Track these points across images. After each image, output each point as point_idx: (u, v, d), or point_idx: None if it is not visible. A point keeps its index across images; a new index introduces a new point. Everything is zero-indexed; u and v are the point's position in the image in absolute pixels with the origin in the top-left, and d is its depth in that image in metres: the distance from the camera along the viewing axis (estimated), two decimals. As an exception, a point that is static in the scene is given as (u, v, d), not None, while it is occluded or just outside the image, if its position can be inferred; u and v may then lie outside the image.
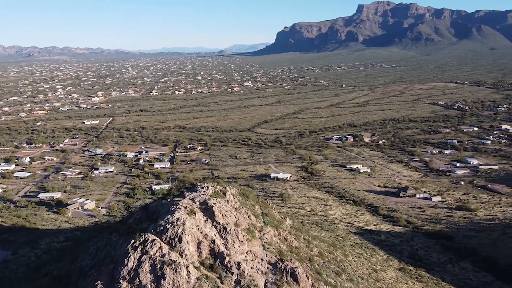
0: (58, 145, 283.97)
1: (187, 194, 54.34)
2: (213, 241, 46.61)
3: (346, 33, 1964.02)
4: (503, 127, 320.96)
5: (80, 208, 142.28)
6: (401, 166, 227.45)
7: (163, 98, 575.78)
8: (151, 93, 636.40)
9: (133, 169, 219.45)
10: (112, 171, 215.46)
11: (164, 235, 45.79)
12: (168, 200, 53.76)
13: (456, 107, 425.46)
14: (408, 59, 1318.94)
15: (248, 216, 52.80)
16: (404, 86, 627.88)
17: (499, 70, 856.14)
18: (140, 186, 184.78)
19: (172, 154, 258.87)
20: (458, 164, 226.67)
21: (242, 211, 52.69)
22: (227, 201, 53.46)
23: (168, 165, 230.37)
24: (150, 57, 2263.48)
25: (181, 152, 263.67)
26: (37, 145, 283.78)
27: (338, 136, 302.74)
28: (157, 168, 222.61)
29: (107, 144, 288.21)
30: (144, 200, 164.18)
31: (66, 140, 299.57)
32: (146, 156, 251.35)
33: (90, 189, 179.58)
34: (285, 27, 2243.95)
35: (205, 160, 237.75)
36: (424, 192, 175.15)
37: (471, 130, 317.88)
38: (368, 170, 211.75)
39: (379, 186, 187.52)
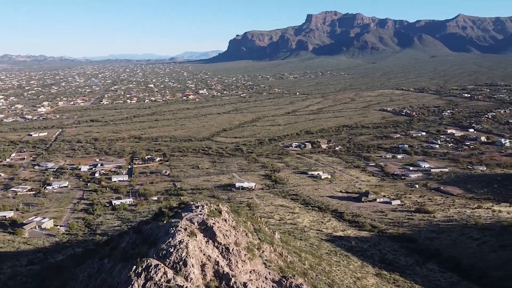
0: (5, 159, 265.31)
1: (184, 214, 52.47)
2: (217, 263, 45.35)
3: (297, 42, 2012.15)
4: (449, 131, 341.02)
5: (37, 228, 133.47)
6: (359, 171, 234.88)
7: (114, 107, 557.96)
8: (101, 102, 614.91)
9: (89, 184, 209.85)
10: (67, 186, 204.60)
11: (167, 259, 43.84)
12: (165, 222, 51.61)
13: (404, 113, 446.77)
14: (355, 67, 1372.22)
15: (246, 234, 52.02)
16: (354, 94, 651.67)
17: (441, 76, 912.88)
18: (99, 202, 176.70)
19: (129, 166, 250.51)
20: (411, 168, 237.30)
21: (240, 229, 51.82)
22: (225, 220, 52.35)
23: (126, 178, 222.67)
24: (97, 65, 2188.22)
25: (139, 164, 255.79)
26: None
27: (296, 143, 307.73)
28: (115, 181, 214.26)
29: (58, 158, 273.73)
30: (105, 216, 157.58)
31: (13, 154, 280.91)
32: (102, 169, 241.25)
33: (45, 207, 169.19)
34: (237, 35, 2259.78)
35: (166, 172, 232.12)
36: (384, 196, 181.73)
37: (419, 134, 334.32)
38: (329, 176, 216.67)
39: (341, 191, 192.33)
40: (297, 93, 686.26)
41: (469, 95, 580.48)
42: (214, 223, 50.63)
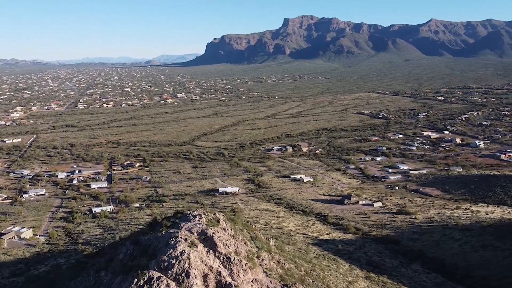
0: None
1: (182, 224, 51.54)
2: (219, 273, 44.75)
3: (274, 46, 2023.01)
4: (425, 133, 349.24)
5: (16, 238, 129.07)
6: (340, 174, 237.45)
7: (90, 112, 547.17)
8: (77, 107, 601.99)
9: (67, 191, 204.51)
10: (44, 194, 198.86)
11: (169, 271, 42.90)
12: (163, 233, 50.59)
13: (380, 116, 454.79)
14: (332, 70, 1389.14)
15: (245, 243, 51.64)
16: (331, 97, 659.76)
17: (415, 80, 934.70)
18: (78, 209, 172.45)
19: (108, 173, 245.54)
20: (390, 170, 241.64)
21: (239, 238, 51.41)
22: (224, 229, 51.82)
23: (105, 184, 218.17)
24: (71, 68, 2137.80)
25: (118, 170, 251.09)
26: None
27: (278, 147, 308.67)
28: (94, 188, 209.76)
29: (34, 164, 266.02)
30: (85, 224, 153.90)
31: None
32: (80, 176, 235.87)
33: (22, 216, 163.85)
34: (215, 39, 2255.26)
35: (146, 177, 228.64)
36: (366, 198, 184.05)
37: (397, 137, 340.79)
38: (311, 180, 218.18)
39: (323, 194, 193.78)
40: (276, 97, 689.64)
41: (442, 98, 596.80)
42: (214, 233, 50.07)
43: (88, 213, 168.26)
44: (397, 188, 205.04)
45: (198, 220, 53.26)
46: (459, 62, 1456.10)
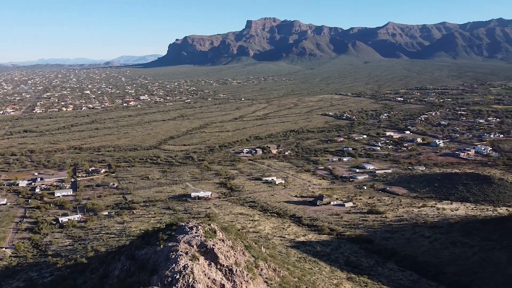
0: None
1: (180, 237, 50.17)
2: (222, 286, 44.02)
3: (238, 48, 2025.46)
4: (388, 133, 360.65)
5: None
6: (310, 175, 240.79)
7: (49, 116, 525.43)
8: (34, 111, 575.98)
9: (30, 200, 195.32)
10: (5, 204, 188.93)
11: (173, 287, 41.67)
12: (162, 246, 49.09)
13: (344, 117, 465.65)
14: (295, 72, 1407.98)
15: (243, 253, 51.12)
16: (296, 99, 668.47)
17: (375, 81, 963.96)
18: (44, 219, 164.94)
19: (72, 180, 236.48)
20: (357, 170, 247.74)
21: (237, 249, 50.81)
22: (222, 241, 51.00)
23: (70, 192, 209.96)
24: (25, 70, 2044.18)
25: (83, 177, 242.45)
26: None
27: (247, 149, 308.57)
28: (59, 196, 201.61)
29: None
30: (52, 234, 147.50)
31: None
32: (43, 184, 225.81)
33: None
34: (177, 40, 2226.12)
35: (113, 184, 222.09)
36: (337, 199, 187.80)
37: (361, 137, 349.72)
38: (283, 182, 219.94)
39: (296, 196, 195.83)
40: (243, 99, 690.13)
41: (402, 99, 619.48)
42: (213, 245, 49.27)
43: (54, 222, 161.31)
44: (365, 187, 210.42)
45: (196, 232, 52.26)
46: (416, 64, 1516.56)
